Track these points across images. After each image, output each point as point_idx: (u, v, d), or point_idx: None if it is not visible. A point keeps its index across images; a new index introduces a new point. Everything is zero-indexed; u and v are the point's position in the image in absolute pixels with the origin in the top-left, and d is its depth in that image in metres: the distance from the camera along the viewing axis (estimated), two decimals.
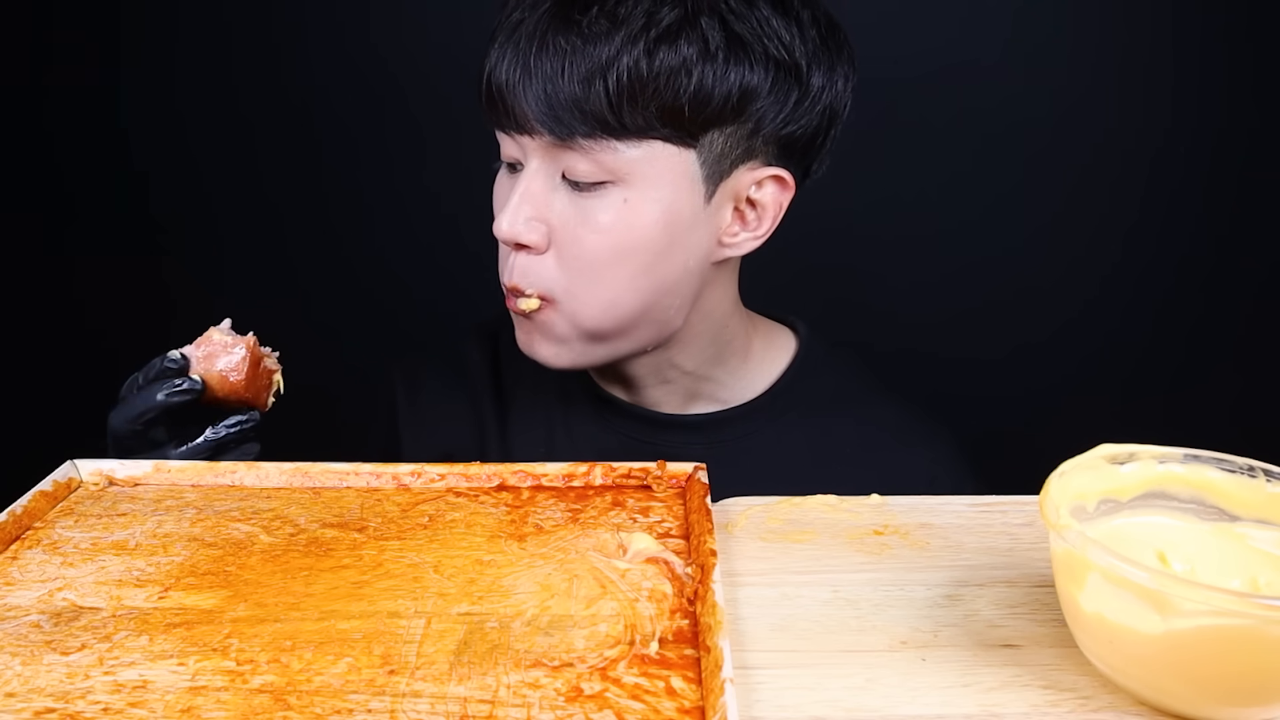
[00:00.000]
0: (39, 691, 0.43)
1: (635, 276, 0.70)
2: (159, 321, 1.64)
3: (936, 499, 0.60)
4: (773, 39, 0.68)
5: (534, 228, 0.70)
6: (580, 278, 0.70)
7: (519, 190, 0.70)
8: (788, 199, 0.74)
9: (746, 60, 0.68)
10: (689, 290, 0.74)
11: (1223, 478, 0.47)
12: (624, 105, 0.66)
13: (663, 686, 0.43)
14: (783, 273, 1.24)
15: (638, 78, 0.65)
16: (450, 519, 0.57)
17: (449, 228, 1.31)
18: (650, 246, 0.70)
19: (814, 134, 0.73)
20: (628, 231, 0.69)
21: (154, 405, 0.66)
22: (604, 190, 0.69)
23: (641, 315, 0.72)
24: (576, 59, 0.66)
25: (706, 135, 0.69)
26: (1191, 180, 1.53)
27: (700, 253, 0.72)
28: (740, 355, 0.82)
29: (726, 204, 0.72)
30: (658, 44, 0.66)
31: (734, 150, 0.70)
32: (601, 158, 0.68)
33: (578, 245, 0.70)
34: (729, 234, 0.73)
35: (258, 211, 1.63)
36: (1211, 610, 0.38)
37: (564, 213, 0.70)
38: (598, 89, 0.66)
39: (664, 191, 0.69)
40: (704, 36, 0.66)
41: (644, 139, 0.68)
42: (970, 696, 0.43)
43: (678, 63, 0.66)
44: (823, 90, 0.71)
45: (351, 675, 0.43)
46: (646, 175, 0.69)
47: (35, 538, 0.55)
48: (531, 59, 0.67)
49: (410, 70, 1.51)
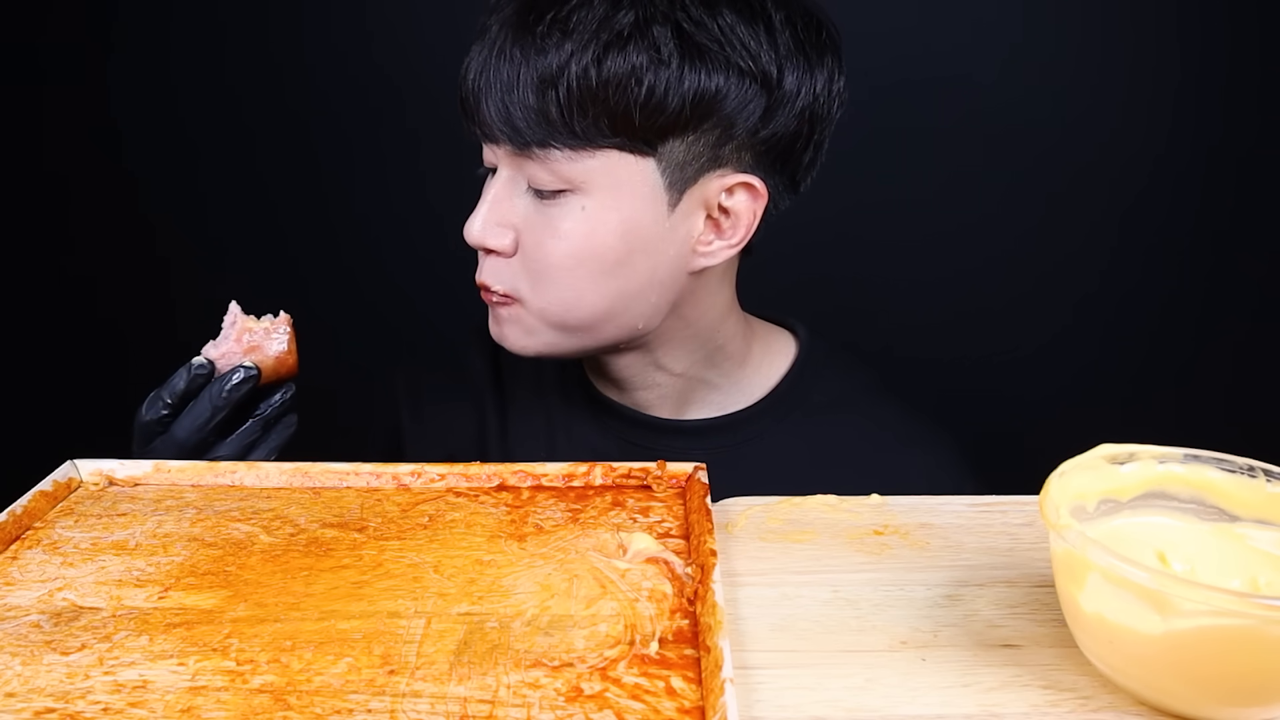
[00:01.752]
0: (39, 691, 0.43)
1: (596, 280, 0.71)
2: (159, 322, 1.65)
3: (936, 499, 0.60)
4: (735, 46, 0.67)
5: (500, 233, 0.71)
6: (541, 281, 0.71)
7: (488, 197, 0.72)
8: (760, 207, 0.72)
9: (703, 68, 0.66)
10: (661, 298, 0.73)
11: (1223, 478, 0.47)
12: (574, 114, 0.66)
13: (663, 686, 0.43)
14: (785, 276, 1.24)
15: (586, 86, 0.66)
16: (450, 519, 0.57)
17: (447, 232, 1.31)
18: (608, 255, 0.70)
19: (793, 138, 0.71)
20: (586, 239, 0.69)
21: (221, 404, 0.67)
22: (564, 198, 0.69)
23: (605, 316, 0.73)
24: (529, 68, 0.67)
25: (665, 144, 0.68)
26: (1191, 179, 1.53)
27: (669, 261, 0.72)
28: (737, 359, 0.82)
29: (697, 212, 0.71)
30: (607, 51, 0.65)
31: (698, 159, 0.69)
32: (558, 167, 0.68)
33: (539, 250, 0.71)
34: (703, 243, 0.72)
35: (259, 212, 1.63)
36: (1211, 610, 0.38)
37: (528, 219, 0.71)
38: (549, 98, 0.66)
39: (622, 201, 0.69)
40: (655, 44, 0.66)
41: (599, 148, 0.68)
42: (970, 696, 0.43)
43: (626, 70, 0.65)
44: (798, 94, 0.70)
45: (351, 675, 0.43)
46: (604, 185, 0.69)
47: (35, 538, 0.55)
48: (491, 69, 0.68)
49: (408, 78, 1.51)
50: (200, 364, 0.68)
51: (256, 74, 1.56)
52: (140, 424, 0.69)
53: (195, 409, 0.68)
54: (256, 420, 0.70)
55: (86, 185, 1.63)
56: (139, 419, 0.69)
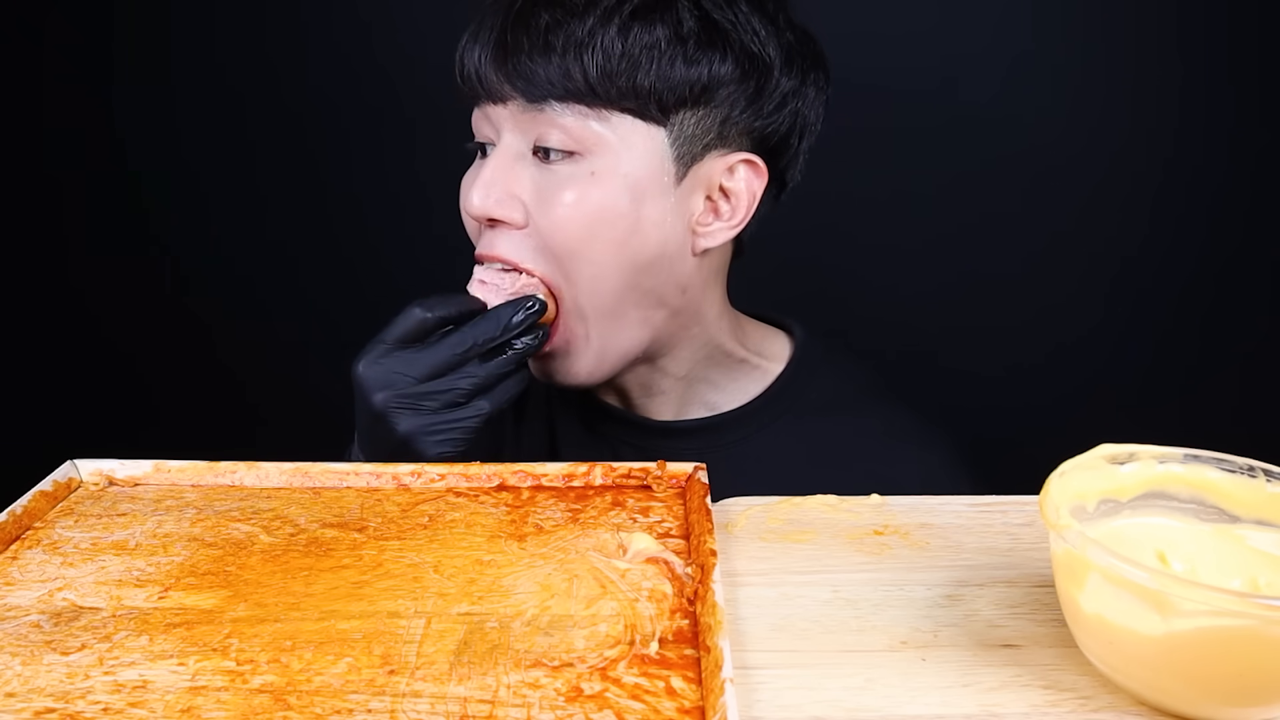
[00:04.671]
0: (39, 691, 0.43)
1: (613, 251, 0.71)
2: (160, 323, 1.65)
3: (936, 499, 0.60)
4: (747, 31, 0.71)
5: (507, 202, 0.71)
6: (560, 256, 0.71)
7: (489, 165, 0.71)
8: (760, 187, 0.74)
9: (718, 47, 0.70)
10: (676, 275, 0.74)
11: (1223, 478, 0.47)
12: (598, 76, 0.68)
13: (663, 686, 0.43)
14: (785, 279, 1.24)
15: (611, 52, 0.67)
16: (450, 519, 0.57)
17: (448, 233, 1.31)
18: (619, 221, 0.70)
19: (785, 136, 0.74)
20: (598, 202, 0.70)
21: (517, 325, 0.69)
22: (573, 161, 0.70)
23: (628, 293, 0.72)
24: (552, 31, 0.68)
25: (677, 115, 0.70)
26: (1202, 185, 1.52)
27: (677, 237, 0.73)
28: (734, 358, 0.82)
29: (697, 191, 0.73)
30: (632, 20, 0.68)
31: (705, 134, 0.71)
32: (570, 127, 0.69)
33: (549, 217, 0.70)
34: (701, 223, 0.74)
35: (260, 214, 1.63)
36: (1212, 610, 0.38)
37: (535, 185, 0.71)
38: (571, 58, 0.68)
39: (632, 165, 0.70)
40: (678, 19, 0.69)
41: (614, 111, 0.69)
42: (970, 696, 0.43)
43: (650, 41, 0.68)
44: (792, 94, 0.73)
45: (351, 675, 0.43)
46: (614, 148, 0.70)
47: (35, 538, 0.55)
48: (508, 31, 0.69)
49: (406, 77, 1.51)
50: (534, 302, 0.70)
51: (257, 74, 1.56)
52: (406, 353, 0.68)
53: (487, 324, 0.68)
54: (528, 345, 0.70)
55: (86, 185, 1.63)
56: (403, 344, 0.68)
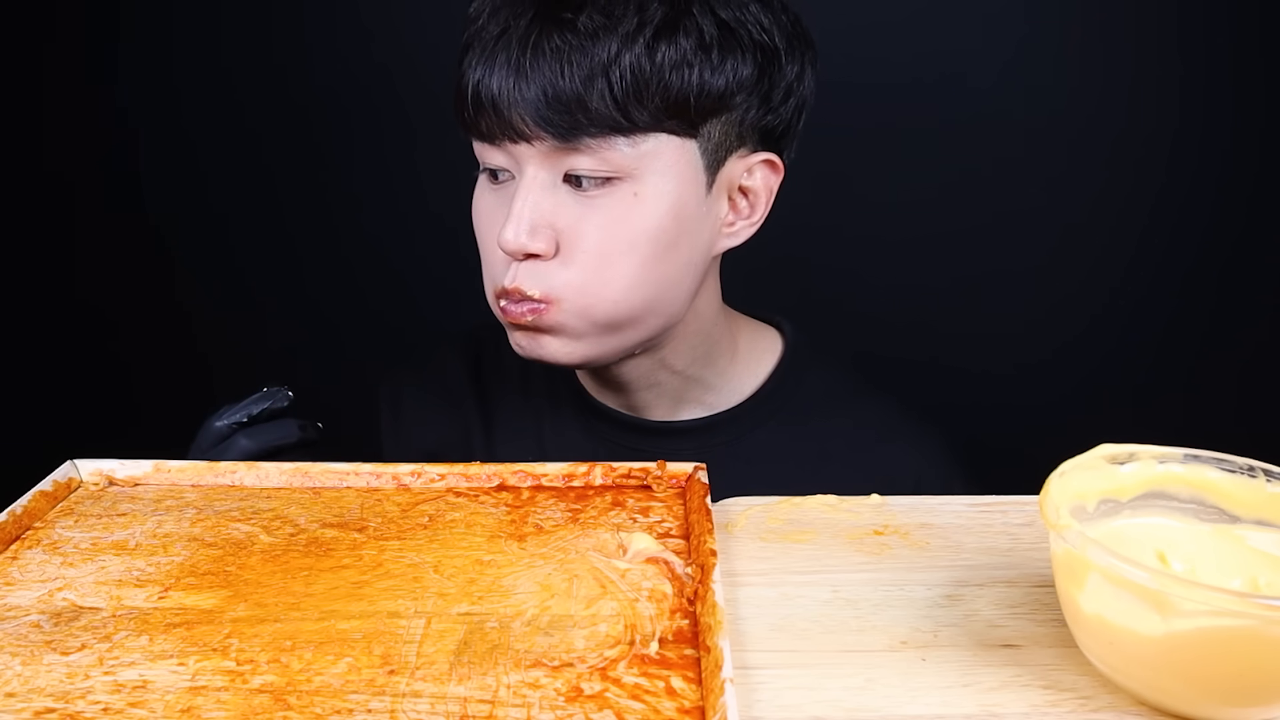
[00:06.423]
0: (39, 691, 0.43)
1: (647, 266, 0.70)
2: (161, 323, 1.65)
3: (936, 499, 0.60)
4: (755, 25, 0.69)
5: (541, 235, 0.68)
6: (592, 274, 0.69)
7: (520, 199, 0.68)
8: (777, 182, 0.75)
9: (739, 47, 0.69)
10: (691, 282, 0.74)
11: (1223, 478, 0.47)
12: (629, 102, 0.66)
13: (663, 686, 0.43)
14: (783, 278, 1.24)
15: (641, 74, 0.66)
16: (450, 519, 0.57)
17: (450, 233, 1.31)
18: (660, 238, 0.70)
19: (789, 122, 0.74)
20: (639, 224, 0.69)
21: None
22: (612, 187, 0.68)
23: (649, 307, 0.72)
24: (576, 59, 0.65)
25: (706, 125, 0.69)
26: (1204, 181, 1.52)
27: (703, 244, 0.73)
28: (727, 355, 0.82)
29: (723, 194, 0.73)
30: (657, 39, 0.66)
31: (728, 138, 0.71)
32: (608, 155, 0.67)
33: (586, 242, 0.69)
34: (726, 224, 0.74)
35: (260, 214, 1.63)
36: (1212, 610, 0.38)
37: (570, 214, 0.69)
38: (601, 88, 0.65)
39: (672, 184, 0.69)
40: (699, 28, 0.67)
41: (650, 133, 0.68)
42: (970, 696, 0.43)
43: (679, 57, 0.66)
44: (796, 80, 0.73)
45: (351, 675, 0.43)
46: (654, 169, 0.69)
47: (35, 538, 0.55)
48: (527, 64, 0.66)
49: (410, 77, 1.51)
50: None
51: (259, 74, 1.56)
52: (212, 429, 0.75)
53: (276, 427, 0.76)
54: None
55: (89, 185, 1.63)
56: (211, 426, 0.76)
